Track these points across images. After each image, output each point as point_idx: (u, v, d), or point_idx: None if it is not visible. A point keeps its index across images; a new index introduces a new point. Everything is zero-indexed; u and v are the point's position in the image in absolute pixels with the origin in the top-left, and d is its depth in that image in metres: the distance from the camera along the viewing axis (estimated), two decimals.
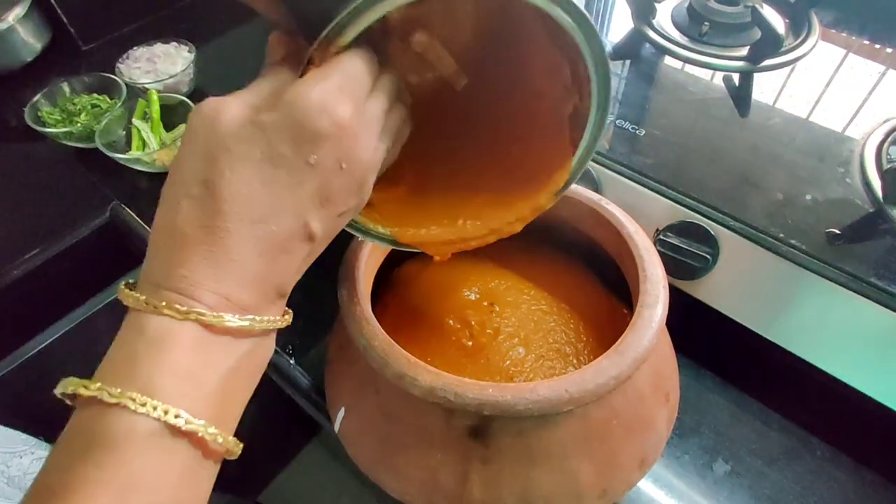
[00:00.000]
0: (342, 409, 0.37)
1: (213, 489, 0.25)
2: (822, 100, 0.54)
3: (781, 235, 0.43)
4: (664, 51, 0.60)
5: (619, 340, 0.32)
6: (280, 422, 1.07)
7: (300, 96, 0.23)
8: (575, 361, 0.40)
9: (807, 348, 0.44)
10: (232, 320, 0.23)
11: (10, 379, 0.65)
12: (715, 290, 0.47)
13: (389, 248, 0.40)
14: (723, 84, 0.57)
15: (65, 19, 0.82)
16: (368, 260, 0.38)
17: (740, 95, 0.56)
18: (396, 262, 0.44)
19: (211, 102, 0.24)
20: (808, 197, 0.46)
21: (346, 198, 0.26)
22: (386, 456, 0.34)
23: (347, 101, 0.24)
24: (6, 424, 0.56)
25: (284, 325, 0.26)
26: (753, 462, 0.44)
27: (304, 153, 0.23)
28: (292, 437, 1.15)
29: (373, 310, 0.34)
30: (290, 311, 0.27)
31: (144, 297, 0.23)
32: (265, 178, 0.23)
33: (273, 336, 0.26)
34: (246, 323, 0.24)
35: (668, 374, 0.38)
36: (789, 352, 0.45)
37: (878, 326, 0.40)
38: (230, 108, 0.24)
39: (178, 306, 0.22)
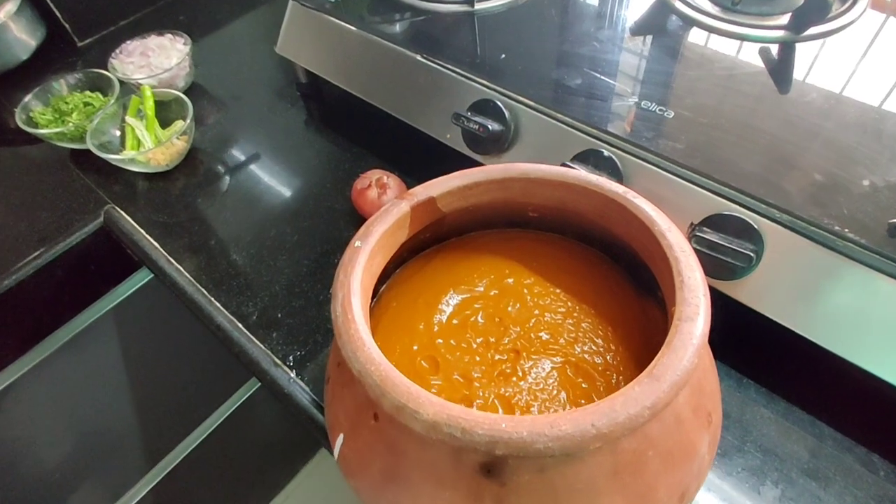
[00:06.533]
0: (341, 437, 0.33)
1: None
2: (876, 72, 0.49)
3: (836, 228, 0.38)
4: (693, 23, 0.54)
5: (654, 361, 0.27)
6: (285, 438, 1.05)
7: None
8: (603, 380, 0.35)
9: (865, 355, 0.39)
10: None
11: (15, 386, 0.63)
12: (759, 292, 0.42)
13: (391, 252, 0.37)
14: (760, 57, 0.51)
15: (58, 14, 0.79)
16: (366, 269, 0.34)
17: (780, 69, 0.50)
18: (399, 262, 0.41)
19: None
20: (866, 182, 0.40)
21: None
22: (388, 491, 0.30)
23: None
24: None
25: None
26: (807, 485, 0.39)
27: None
28: (299, 449, 1.13)
29: (372, 310, 0.30)
30: None
31: None
32: None
33: None
34: None
35: (709, 391, 0.33)
36: (844, 359, 0.40)
37: None
38: None
39: None
